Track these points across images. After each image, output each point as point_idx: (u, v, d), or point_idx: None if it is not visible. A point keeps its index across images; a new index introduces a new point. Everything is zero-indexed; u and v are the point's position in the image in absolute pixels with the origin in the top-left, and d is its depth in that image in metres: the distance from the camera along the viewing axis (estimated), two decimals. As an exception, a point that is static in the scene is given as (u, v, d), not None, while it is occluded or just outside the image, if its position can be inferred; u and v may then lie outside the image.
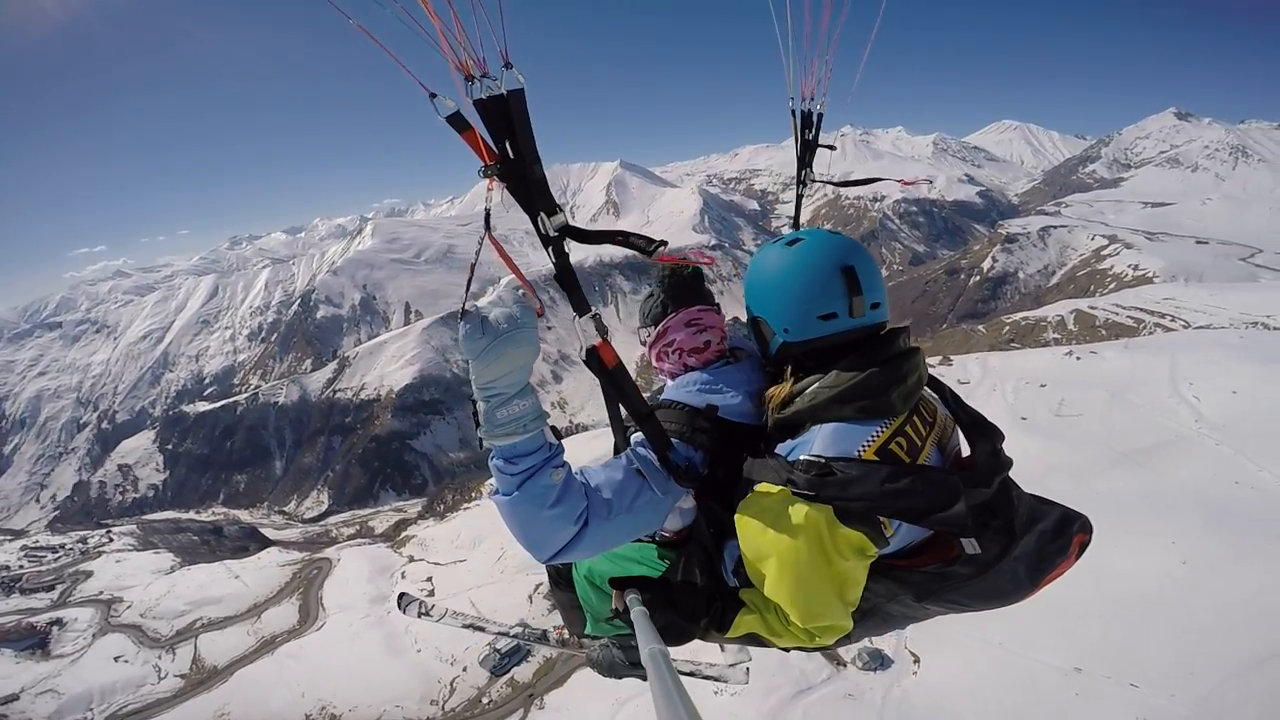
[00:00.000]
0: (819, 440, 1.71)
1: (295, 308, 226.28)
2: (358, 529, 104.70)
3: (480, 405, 1.63)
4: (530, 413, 1.63)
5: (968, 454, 1.90)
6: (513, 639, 3.64)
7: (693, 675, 3.35)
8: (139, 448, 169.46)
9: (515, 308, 1.58)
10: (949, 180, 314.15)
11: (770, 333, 1.97)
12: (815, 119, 2.87)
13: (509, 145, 1.48)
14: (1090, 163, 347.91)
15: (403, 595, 3.86)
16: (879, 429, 1.71)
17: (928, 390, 1.93)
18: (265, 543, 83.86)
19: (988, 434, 1.88)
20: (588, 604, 2.78)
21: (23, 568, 64.27)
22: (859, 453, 1.67)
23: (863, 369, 1.75)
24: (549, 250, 1.61)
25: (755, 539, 1.73)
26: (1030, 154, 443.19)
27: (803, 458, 1.67)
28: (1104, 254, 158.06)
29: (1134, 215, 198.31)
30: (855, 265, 1.83)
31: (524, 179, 1.52)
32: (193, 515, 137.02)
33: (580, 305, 1.70)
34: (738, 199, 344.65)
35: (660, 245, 1.76)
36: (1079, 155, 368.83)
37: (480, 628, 3.66)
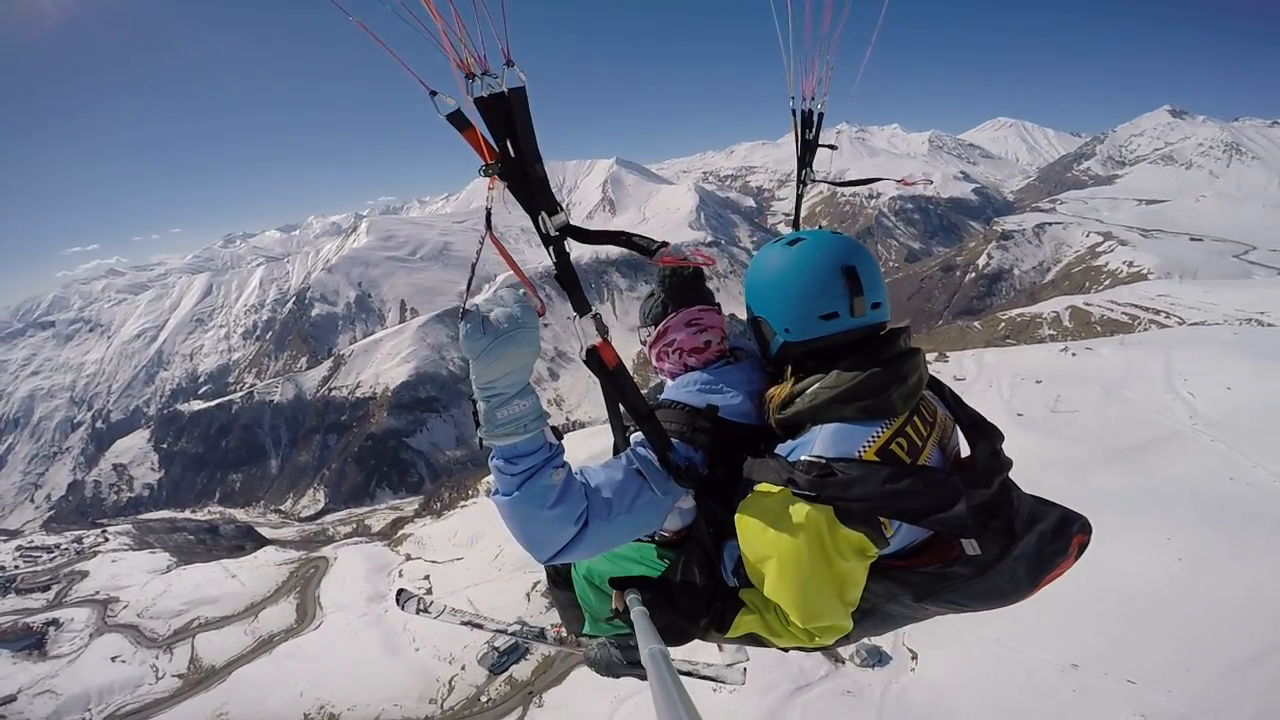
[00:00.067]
0: (820, 441, 1.70)
1: (290, 306, 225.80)
2: (354, 527, 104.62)
3: (480, 405, 1.61)
4: (531, 413, 1.62)
5: (967, 454, 1.90)
6: (510, 637, 3.63)
7: (690, 675, 3.35)
8: (134, 447, 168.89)
9: (516, 307, 1.56)
10: (944, 177, 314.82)
11: (771, 333, 1.96)
12: (816, 119, 2.87)
13: (510, 144, 1.47)
14: (1085, 160, 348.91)
15: (401, 591, 3.85)
16: (879, 429, 1.71)
17: (927, 390, 1.93)
18: (261, 542, 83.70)
19: (988, 434, 1.88)
20: (586, 603, 2.78)
21: (18, 568, 64.09)
22: (860, 453, 1.66)
23: (863, 369, 1.74)
24: (549, 250, 1.60)
25: (755, 539, 1.73)
26: (1025, 151, 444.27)
27: (803, 458, 1.66)
28: (1099, 251, 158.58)
29: (1129, 212, 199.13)
30: (856, 265, 1.83)
31: (525, 178, 1.50)
32: (188, 514, 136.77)
33: (580, 305, 1.69)
34: (734, 196, 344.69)
35: (662, 246, 1.75)
36: (1074, 152, 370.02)
37: (478, 625, 3.65)
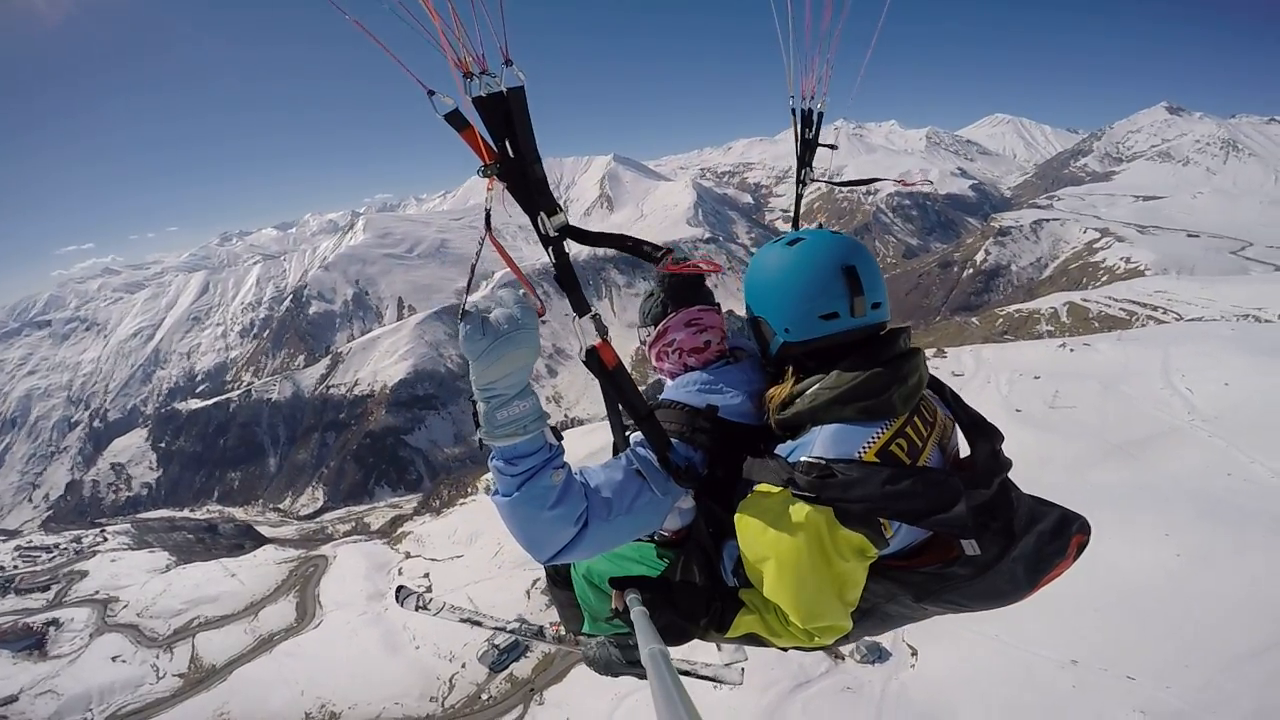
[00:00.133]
0: (820, 442, 1.70)
1: (287, 304, 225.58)
2: (353, 525, 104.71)
3: (480, 406, 1.61)
4: (530, 414, 1.62)
5: (967, 454, 1.89)
6: (509, 634, 3.64)
7: (688, 675, 3.36)
8: (131, 446, 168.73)
9: (515, 308, 1.56)
10: (942, 173, 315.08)
11: (771, 333, 1.96)
12: (815, 118, 2.86)
13: (509, 144, 1.46)
14: (1082, 156, 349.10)
15: (400, 588, 3.88)
16: (880, 430, 1.71)
17: (927, 390, 1.92)
18: (260, 540, 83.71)
19: (988, 435, 1.87)
20: (586, 603, 2.79)
21: (17, 568, 64.08)
22: (860, 454, 1.66)
23: (864, 369, 1.74)
24: (549, 251, 1.60)
25: (755, 539, 1.73)
26: (1023, 148, 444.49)
27: (803, 459, 1.66)
28: (1096, 247, 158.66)
29: (1126, 209, 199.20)
30: (857, 265, 1.82)
31: (524, 178, 1.50)
32: (187, 513, 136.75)
33: (580, 305, 1.69)
34: (731, 192, 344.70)
35: (667, 253, 1.75)
36: (1071, 149, 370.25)
37: (477, 622, 3.66)
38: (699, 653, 3.17)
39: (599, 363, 1.74)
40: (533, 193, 1.52)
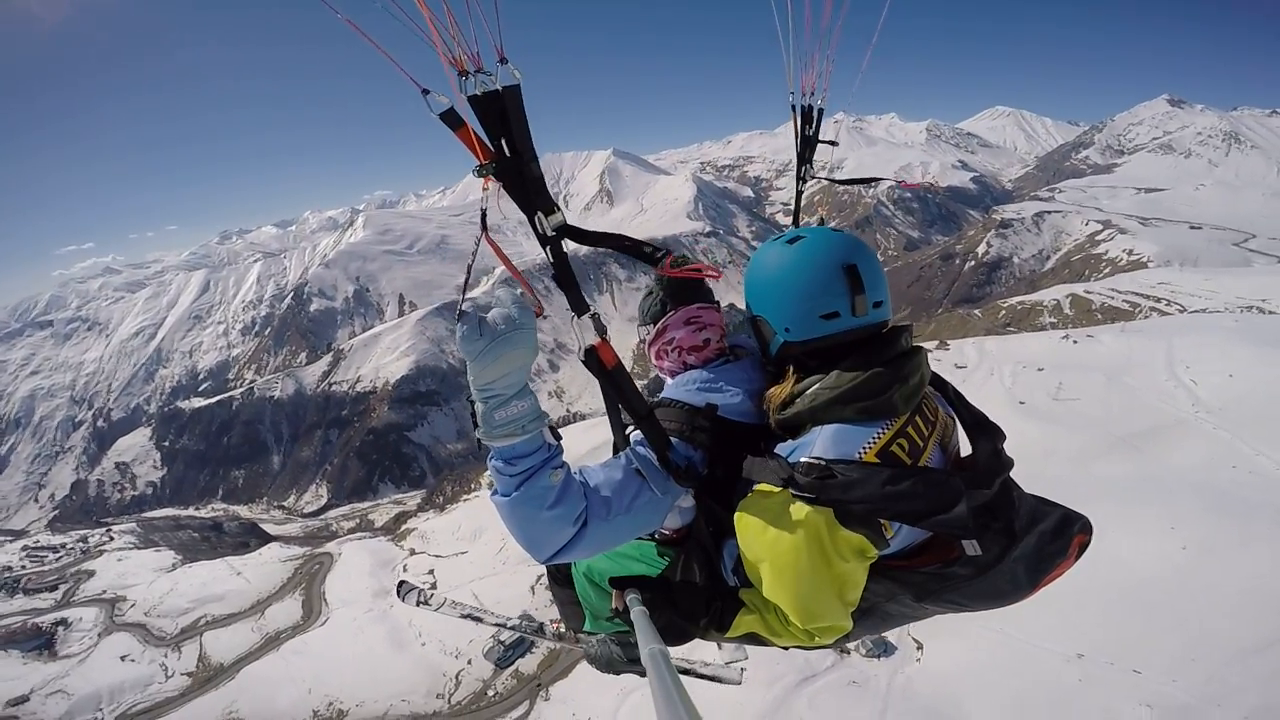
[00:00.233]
0: (820, 442, 1.69)
1: (288, 301, 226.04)
2: (357, 522, 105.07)
3: (478, 406, 1.60)
4: (529, 414, 1.61)
5: (968, 453, 1.89)
6: (511, 630, 3.66)
7: (688, 674, 3.37)
8: (135, 445, 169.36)
9: (513, 308, 1.55)
10: (943, 166, 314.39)
11: (771, 332, 1.94)
12: (815, 114, 2.85)
13: (505, 143, 1.45)
14: (1084, 149, 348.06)
15: (402, 584, 3.89)
16: (880, 430, 1.69)
17: (929, 388, 1.91)
18: (266, 538, 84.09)
19: (989, 434, 1.86)
20: (587, 601, 2.79)
21: (25, 568, 64.44)
22: (860, 455, 1.65)
23: (865, 369, 1.72)
24: (546, 250, 1.59)
25: (755, 540, 1.72)
26: (1024, 140, 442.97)
27: (803, 460, 1.65)
28: (1098, 239, 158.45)
29: (1127, 201, 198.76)
30: (858, 263, 1.80)
31: (521, 177, 1.49)
32: (192, 512, 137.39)
33: (579, 304, 1.68)
34: (731, 186, 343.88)
35: (666, 254, 1.73)
36: (1072, 141, 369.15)
37: (478, 618, 3.68)
38: (700, 652, 3.17)
39: (598, 362, 1.73)
40: (529, 192, 1.52)
